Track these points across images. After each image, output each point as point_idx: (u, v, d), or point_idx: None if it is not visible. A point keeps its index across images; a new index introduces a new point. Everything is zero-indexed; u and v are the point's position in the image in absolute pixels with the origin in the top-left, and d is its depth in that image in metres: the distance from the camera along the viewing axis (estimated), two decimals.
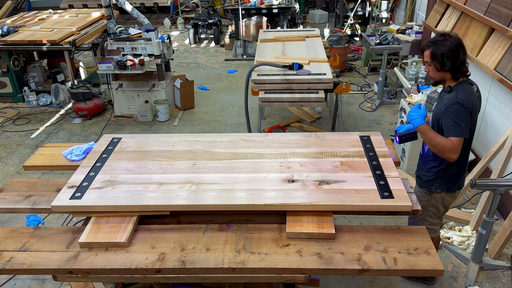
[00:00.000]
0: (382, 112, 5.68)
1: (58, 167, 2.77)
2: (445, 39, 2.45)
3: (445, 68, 2.44)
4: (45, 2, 11.19)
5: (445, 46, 2.41)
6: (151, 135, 2.91)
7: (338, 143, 2.70)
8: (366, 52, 7.26)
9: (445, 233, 3.46)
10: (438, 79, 2.53)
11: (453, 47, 2.40)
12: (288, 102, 3.97)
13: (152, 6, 11.02)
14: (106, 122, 5.69)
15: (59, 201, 2.23)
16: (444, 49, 2.40)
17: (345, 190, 2.21)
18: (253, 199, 2.17)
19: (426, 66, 2.56)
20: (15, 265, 2.00)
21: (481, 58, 3.84)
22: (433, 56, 2.44)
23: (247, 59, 8.04)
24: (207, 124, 5.59)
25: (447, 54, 2.40)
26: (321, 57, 4.44)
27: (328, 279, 3.06)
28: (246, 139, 2.82)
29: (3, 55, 5.96)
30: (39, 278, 3.14)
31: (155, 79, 5.76)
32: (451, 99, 2.42)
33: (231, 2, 7.82)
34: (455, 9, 4.57)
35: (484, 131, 4.00)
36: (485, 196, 3.38)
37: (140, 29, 5.86)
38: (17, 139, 5.34)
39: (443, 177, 2.63)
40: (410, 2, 6.90)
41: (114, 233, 2.10)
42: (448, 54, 2.40)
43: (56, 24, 6.37)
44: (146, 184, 2.33)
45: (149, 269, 1.95)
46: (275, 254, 1.99)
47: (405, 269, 1.90)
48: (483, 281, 3.03)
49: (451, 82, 2.49)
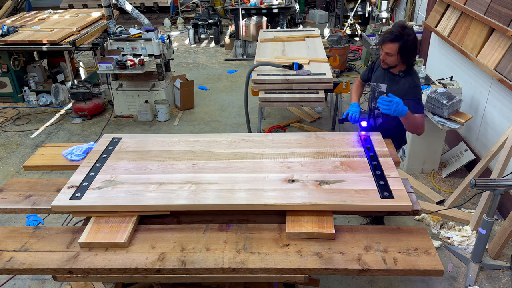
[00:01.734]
0: None
1: (58, 167, 2.77)
2: (409, 33, 2.58)
3: (410, 60, 2.64)
4: (45, 2, 11.19)
5: (412, 43, 2.58)
6: (151, 135, 2.91)
7: (338, 143, 2.70)
8: (366, 52, 7.26)
9: (445, 233, 3.46)
10: (393, 65, 2.75)
11: (416, 42, 2.60)
12: (288, 102, 3.97)
13: (152, 6, 11.02)
14: (106, 122, 5.69)
15: (59, 201, 2.23)
16: (411, 45, 2.61)
17: (345, 190, 2.21)
18: (253, 199, 2.17)
19: (384, 55, 2.67)
20: (15, 265, 2.00)
21: (481, 58, 3.84)
22: (401, 51, 2.59)
23: (247, 59, 8.04)
24: (207, 124, 5.59)
25: (414, 50, 2.60)
26: (321, 57, 4.44)
27: (328, 279, 3.06)
28: (246, 139, 2.82)
29: (3, 55, 5.96)
30: (39, 278, 3.14)
31: (155, 79, 5.76)
32: (411, 82, 2.72)
33: (231, 2, 7.82)
34: (455, 9, 4.57)
35: (484, 131, 4.00)
36: (485, 196, 3.38)
37: (140, 29, 5.86)
38: (17, 139, 5.34)
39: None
40: (410, 2, 6.90)
41: (114, 233, 2.10)
42: (415, 50, 2.62)
43: (56, 24, 6.37)
44: (146, 184, 2.33)
45: (149, 269, 1.95)
46: (275, 254, 1.99)
47: (405, 269, 1.90)
48: (483, 281, 3.03)
49: (402, 67, 2.75)
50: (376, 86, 2.97)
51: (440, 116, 3.77)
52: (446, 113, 3.70)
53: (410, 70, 2.78)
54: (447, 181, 4.16)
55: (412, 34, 2.63)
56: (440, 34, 4.73)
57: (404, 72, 2.78)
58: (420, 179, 4.21)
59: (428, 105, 3.85)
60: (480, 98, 4.06)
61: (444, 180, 4.18)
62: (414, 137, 4.12)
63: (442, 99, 3.72)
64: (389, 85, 2.86)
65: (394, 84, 2.83)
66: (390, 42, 2.61)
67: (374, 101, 3.01)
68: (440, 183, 4.14)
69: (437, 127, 3.89)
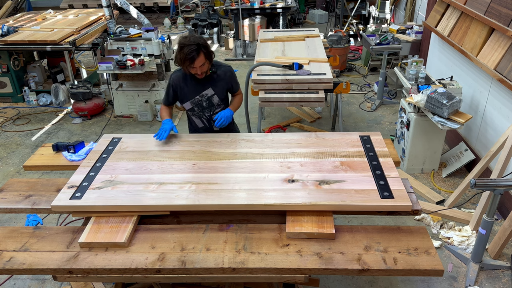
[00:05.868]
0: (382, 112, 5.68)
1: (58, 167, 2.78)
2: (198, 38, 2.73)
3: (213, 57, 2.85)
4: (45, 2, 11.19)
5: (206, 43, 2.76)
6: (151, 135, 2.91)
7: (338, 143, 2.71)
8: (366, 52, 7.26)
9: (445, 233, 3.46)
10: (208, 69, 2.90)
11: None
12: (288, 102, 3.96)
13: (152, 6, 11.02)
14: (106, 122, 5.69)
15: (59, 201, 2.23)
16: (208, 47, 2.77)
17: (345, 190, 2.22)
18: (253, 199, 2.17)
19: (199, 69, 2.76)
20: (15, 265, 2.00)
21: (481, 58, 3.84)
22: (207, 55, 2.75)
23: (247, 59, 8.03)
24: None
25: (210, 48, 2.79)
26: (321, 57, 4.44)
27: (328, 279, 3.06)
28: (246, 139, 2.82)
29: (3, 55, 5.96)
30: (39, 278, 3.14)
31: (155, 79, 5.75)
32: (226, 71, 3.00)
33: (231, 2, 7.81)
34: (455, 9, 4.57)
35: (484, 131, 4.00)
36: (485, 196, 3.38)
37: (140, 29, 5.86)
38: (17, 139, 5.34)
39: None
40: (410, 2, 6.90)
41: (114, 233, 2.10)
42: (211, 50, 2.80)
43: (56, 24, 6.37)
44: (146, 184, 2.33)
45: (149, 269, 1.95)
46: (275, 254, 1.99)
47: (405, 269, 1.90)
48: (483, 281, 3.03)
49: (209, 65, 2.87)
50: (201, 97, 3.00)
51: (440, 116, 3.77)
52: (446, 113, 3.70)
53: (215, 63, 2.96)
54: (447, 181, 4.16)
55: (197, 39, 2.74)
56: (440, 34, 4.73)
57: (213, 68, 2.94)
58: (420, 179, 4.21)
59: (428, 105, 3.85)
60: (480, 98, 4.06)
61: (444, 180, 4.18)
62: (414, 137, 4.12)
63: (442, 99, 3.72)
64: (213, 83, 2.98)
65: (217, 81, 2.98)
66: (198, 56, 2.69)
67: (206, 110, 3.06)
68: (440, 183, 4.14)
69: (437, 127, 3.89)
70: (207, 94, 2.98)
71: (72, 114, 5.94)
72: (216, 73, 2.97)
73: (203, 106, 3.03)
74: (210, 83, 2.97)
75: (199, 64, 2.71)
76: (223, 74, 2.99)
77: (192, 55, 2.66)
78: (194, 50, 2.66)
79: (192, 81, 2.95)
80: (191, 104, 3.03)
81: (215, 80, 2.97)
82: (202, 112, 3.07)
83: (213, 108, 3.05)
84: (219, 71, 2.98)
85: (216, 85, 2.98)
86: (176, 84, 2.98)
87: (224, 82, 3.00)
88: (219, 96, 3.02)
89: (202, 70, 2.79)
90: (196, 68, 2.74)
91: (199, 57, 2.69)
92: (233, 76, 3.06)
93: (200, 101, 3.01)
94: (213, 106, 3.04)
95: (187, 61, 2.69)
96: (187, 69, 2.78)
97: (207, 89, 2.97)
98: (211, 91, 2.98)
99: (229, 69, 3.03)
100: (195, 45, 2.66)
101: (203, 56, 2.71)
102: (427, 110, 3.91)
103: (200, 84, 2.95)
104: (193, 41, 2.68)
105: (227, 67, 3.03)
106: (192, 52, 2.65)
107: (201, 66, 2.74)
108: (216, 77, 2.97)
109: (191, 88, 2.97)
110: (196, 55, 2.67)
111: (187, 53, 2.66)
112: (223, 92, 3.04)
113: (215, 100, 3.02)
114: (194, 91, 2.97)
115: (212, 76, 2.96)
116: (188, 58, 2.67)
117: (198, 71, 2.78)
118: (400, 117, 4.40)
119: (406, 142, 4.24)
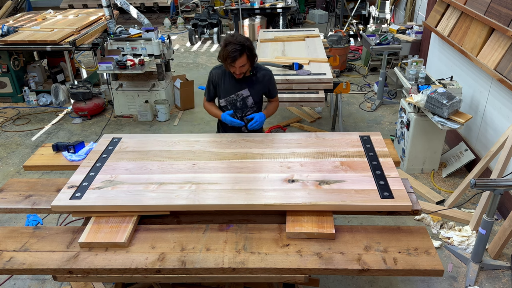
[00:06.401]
0: (382, 112, 5.68)
1: (58, 167, 2.77)
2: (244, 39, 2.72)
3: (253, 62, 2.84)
4: (45, 2, 11.18)
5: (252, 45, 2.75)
6: (151, 135, 2.91)
7: (338, 143, 2.71)
8: (366, 52, 7.26)
9: (445, 233, 3.46)
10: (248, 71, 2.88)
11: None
12: (288, 102, 3.97)
13: (152, 6, 11.02)
14: (106, 122, 5.69)
15: (59, 201, 2.23)
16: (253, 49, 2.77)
17: (345, 190, 2.22)
18: (253, 199, 2.17)
19: (239, 69, 2.77)
20: (15, 265, 2.00)
21: (481, 58, 3.84)
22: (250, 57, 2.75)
23: None
24: (207, 124, 5.59)
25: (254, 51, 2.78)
26: (321, 57, 4.44)
27: (328, 279, 3.06)
28: (246, 139, 2.82)
29: (3, 55, 5.96)
30: (39, 278, 3.14)
31: (155, 79, 5.75)
32: (265, 74, 2.97)
33: (231, 2, 7.81)
34: (455, 9, 4.57)
35: (484, 131, 4.00)
36: (485, 196, 3.38)
37: (140, 29, 5.86)
38: (17, 139, 5.34)
39: None
40: (410, 2, 6.90)
41: (114, 233, 2.10)
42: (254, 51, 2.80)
43: (56, 24, 6.37)
44: (146, 184, 2.33)
45: (149, 269, 1.95)
46: (275, 254, 1.99)
47: (405, 269, 1.90)
48: (483, 281, 3.03)
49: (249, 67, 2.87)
50: (236, 96, 3.00)
51: (440, 116, 3.77)
52: (446, 113, 3.70)
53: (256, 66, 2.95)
54: (447, 181, 4.16)
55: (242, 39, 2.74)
56: (440, 34, 4.73)
57: (253, 70, 2.92)
58: (420, 179, 4.21)
59: (428, 105, 3.85)
60: (480, 98, 4.06)
61: (444, 180, 4.18)
62: (414, 138, 4.12)
63: (442, 99, 3.71)
64: (249, 84, 2.97)
65: (253, 83, 2.97)
66: (240, 57, 2.68)
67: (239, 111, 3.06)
68: (440, 183, 4.14)
69: (437, 127, 3.89)
70: (243, 95, 2.98)
71: (72, 114, 5.94)
72: (256, 76, 2.96)
73: (237, 106, 3.03)
74: (248, 84, 2.96)
75: (240, 64, 2.71)
76: (261, 77, 2.97)
77: (235, 54, 2.66)
78: (238, 50, 2.66)
79: (230, 79, 2.95)
80: (225, 102, 3.03)
81: (253, 82, 2.96)
82: (234, 111, 3.05)
83: (246, 109, 3.04)
84: (258, 74, 2.96)
85: (253, 87, 2.97)
86: (215, 80, 3.01)
87: (262, 85, 2.99)
88: (254, 99, 3.01)
89: (242, 70, 2.79)
90: (236, 67, 2.74)
91: (241, 58, 2.69)
92: (271, 81, 3.03)
93: (235, 100, 3.00)
94: (246, 107, 3.03)
95: (229, 59, 2.69)
96: (227, 67, 2.79)
97: (243, 89, 2.97)
98: (247, 92, 2.97)
99: (268, 73, 3.00)
100: (240, 45, 2.66)
101: (245, 58, 2.71)
102: (427, 110, 3.91)
103: (238, 83, 2.95)
104: (239, 41, 2.68)
105: (267, 71, 3.01)
106: (235, 52, 2.65)
107: (241, 66, 2.74)
108: (255, 79, 2.96)
109: (228, 86, 2.97)
110: (238, 55, 2.67)
111: (230, 51, 2.66)
112: (259, 95, 3.03)
113: (249, 101, 3.01)
114: (231, 90, 2.98)
115: (250, 78, 2.95)
116: (231, 57, 2.67)
117: (237, 71, 2.78)
118: (400, 117, 4.40)
119: (406, 142, 4.24)
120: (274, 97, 3.15)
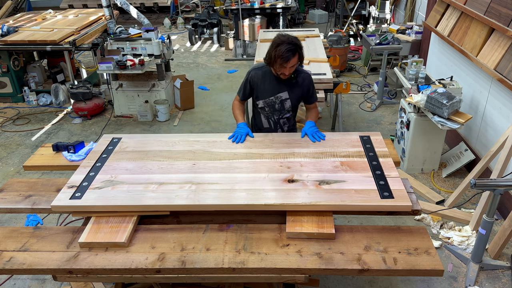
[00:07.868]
0: (382, 112, 5.68)
1: (58, 167, 2.77)
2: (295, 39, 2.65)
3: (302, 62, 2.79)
4: (45, 2, 11.18)
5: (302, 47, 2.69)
6: (151, 135, 2.91)
7: (338, 143, 2.71)
8: (366, 52, 7.26)
9: (445, 233, 3.46)
10: None
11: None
12: None
13: (152, 6, 11.02)
14: (106, 122, 5.69)
15: (59, 201, 2.23)
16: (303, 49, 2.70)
17: (345, 190, 2.22)
18: (253, 199, 2.17)
19: (289, 69, 2.70)
20: (15, 265, 2.00)
21: (481, 58, 3.84)
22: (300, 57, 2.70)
23: (247, 59, 8.03)
24: (207, 124, 5.59)
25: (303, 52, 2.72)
26: (321, 57, 4.44)
27: (328, 279, 3.06)
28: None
29: (3, 55, 5.96)
30: (39, 278, 3.14)
31: (155, 79, 5.75)
32: (305, 78, 2.89)
33: (231, 2, 7.81)
34: (455, 9, 4.57)
35: (484, 131, 4.00)
36: (485, 196, 3.38)
37: (140, 29, 5.86)
38: (17, 139, 5.34)
39: None
40: (410, 2, 6.90)
41: (114, 233, 2.10)
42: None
43: (56, 24, 6.37)
44: (146, 184, 2.33)
45: (149, 269, 1.95)
46: (275, 254, 1.99)
47: (405, 269, 1.90)
48: (483, 281, 3.03)
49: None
50: (275, 98, 2.94)
51: (440, 116, 3.77)
52: (446, 113, 3.70)
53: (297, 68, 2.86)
54: (447, 181, 4.16)
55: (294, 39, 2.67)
56: (440, 34, 4.73)
57: (295, 73, 2.85)
58: (420, 179, 4.21)
59: (428, 105, 3.85)
60: (480, 98, 4.06)
61: (444, 180, 4.18)
62: (414, 138, 4.12)
63: (442, 99, 3.72)
64: (289, 87, 2.90)
65: (294, 86, 2.90)
66: (293, 56, 2.63)
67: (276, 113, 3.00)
68: (440, 183, 4.14)
69: (437, 127, 3.89)
70: (281, 97, 2.92)
71: (72, 114, 5.94)
72: (296, 79, 2.88)
73: (275, 108, 2.97)
74: (288, 86, 2.89)
75: (291, 64, 2.66)
76: (301, 80, 2.89)
77: (288, 54, 2.59)
78: (291, 49, 2.59)
79: (271, 81, 2.89)
80: (263, 103, 2.97)
81: (293, 85, 2.89)
82: (272, 113, 3.00)
83: (283, 112, 2.99)
84: (298, 77, 2.89)
85: (292, 90, 2.90)
86: (254, 80, 2.94)
87: (301, 89, 2.91)
88: (292, 102, 2.95)
89: (290, 71, 2.73)
90: (286, 68, 2.67)
91: (294, 58, 2.63)
92: (311, 84, 2.94)
93: (274, 102, 2.95)
94: (284, 110, 2.98)
95: (280, 59, 2.62)
96: (275, 68, 2.71)
97: (283, 92, 2.90)
98: (286, 94, 2.91)
99: (308, 77, 2.93)
100: (293, 45, 2.61)
101: (297, 58, 2.66)
102: (427, 110, 3.91)
103: (278, 85, 2.89)
104: (292, 40, 2.62)
105: (307, 74, 2.94)
106: (289, 52, 2.59)
107: (291, 67, 2.69)
108: (295, 82, 2.89)
109: (268, 87, 2.91)
110: (291, 55, 2.61)
111: (284, 51, 2.59)
112: (297, 99, 2.96)
113: (287, 105, 2.95)
114: (270, 91, 2.91)
115: (290, 80, 2.88)
116: (284, 57, 2.60)
117: (286, 72, 2.71)
118: (400, 117, 4.40)
119: (406, 142, 4.24)
120: (314, 103, 3.03)
